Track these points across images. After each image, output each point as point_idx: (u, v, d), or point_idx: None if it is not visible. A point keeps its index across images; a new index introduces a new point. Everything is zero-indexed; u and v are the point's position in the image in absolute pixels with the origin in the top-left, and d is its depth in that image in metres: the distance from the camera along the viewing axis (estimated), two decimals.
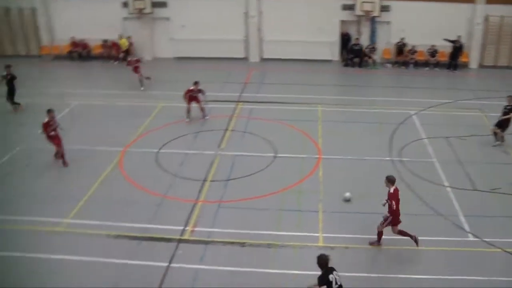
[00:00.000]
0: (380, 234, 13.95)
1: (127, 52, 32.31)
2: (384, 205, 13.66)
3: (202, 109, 22.88)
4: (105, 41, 32.98)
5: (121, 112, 24.55)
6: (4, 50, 34.68)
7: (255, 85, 28.08)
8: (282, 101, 24.94)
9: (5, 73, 24.14)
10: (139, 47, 33.44)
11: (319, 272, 12.76)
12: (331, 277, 10.59)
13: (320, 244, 14.25)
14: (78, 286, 13.00)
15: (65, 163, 19.29)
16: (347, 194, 16.17)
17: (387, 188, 13.50)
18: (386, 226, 13.65)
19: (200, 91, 22.46)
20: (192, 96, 22.41)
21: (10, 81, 24.19)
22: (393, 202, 13.26)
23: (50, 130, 18.96)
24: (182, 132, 21.71)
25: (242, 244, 14.35)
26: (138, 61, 27.45)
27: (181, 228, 15.16)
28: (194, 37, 32.33)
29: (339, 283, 10.65)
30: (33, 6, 33.44)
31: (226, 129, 21.95)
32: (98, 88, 27.52)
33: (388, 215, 13.50)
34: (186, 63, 32.13)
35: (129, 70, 27.42)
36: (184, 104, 22.63)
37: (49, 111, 19.16)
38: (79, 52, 33.36)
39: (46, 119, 18.95)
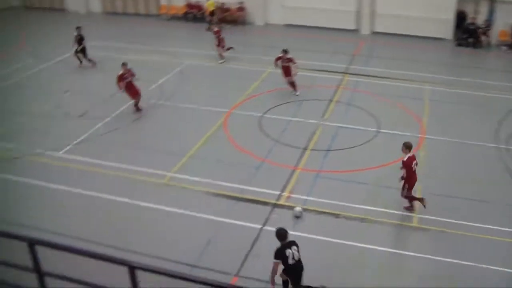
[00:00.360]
0: (409, 198, 14.31)
1: (212, 14, 32.71)
2: (401, 168, 13.96)
3: (292, 84, 22.44)
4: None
5: (229, 74, 25.13)
6: (126, 9, 36.38)
7: (363, 58, 27.72)
8: (390, 76, 24.43)
9: (75, 33, 25.49)
10: (252, 12, 33.85)
11: (417, 254, 12.78)
12: (288, 251, 10.60)
13: (414, 224, 14.10)
14: (175, 237, 13.69)
15: (138, 110, 20.88)
16: (298, 209, 14.56)
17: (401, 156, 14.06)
18: (409, 191, 14.11)
19: (290, 60, 21.89)
20: (284, 66, 21.99)
21: (80, 41, 25.56)
22: (404, 171, 13.79)
23: (124, 81, 20.23)
24: (287, 99, 21.91)
25: (336, 216, 14.45)
26: (218, 32, 26.78)
27: (278, 193, 15.46)
28: (305, 5, 32.15)
29: (296, 258, 10.72)
30: None
31: (331, 100, 21.91)
32: (209, 49, 28.16)
33: (402, 181, 14.03)
34: (296, 31, 32.12)
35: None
36: (278, 70, 22.59)
37: (123, 64, 20.49)
38: (194, 14, 34.24)
39: (121, 72, 20.19)
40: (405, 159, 13.85)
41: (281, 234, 10.74)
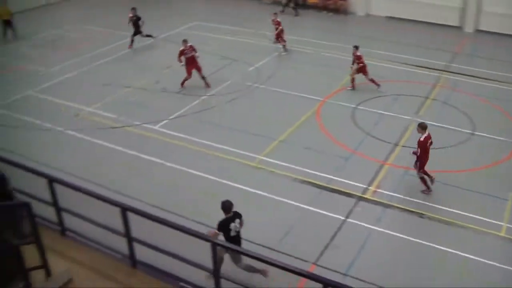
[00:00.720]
0: (423, 180, 14.96)
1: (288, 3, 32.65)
2: (414, 153, 14.71)
3: (372, 80, 21.83)
4: None
5: (326, 62, 25.08)
6: None
7: (465, 56, 26.82)
8: (491, 77, 23.46)
9: (131, 14, 26.18)
10: (354, 2, 33.52)
11: (495, 263, 12.44)
12: (232, 225, 10.93)
13: (502, 234, 13.64)
14: (258, 220, 13.87)
15: (207, 85, 21.75)
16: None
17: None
18: (420, 171, 14.84)
19: (358, 57, 21.29)
20: (360, 65, 21.39)
21: (136, 22, 26.25)
22: (419, 150, 14.45)
23: (185, 56, 21.18)
24: (382, 92, 21.69)
25: (421, 215, 14.30)
26: (279, 23, 25.89)
27: (364, 186, 15.48)
28: None
29: (237, 231, 11.06)
30: None
31: (427, 97, 21.47)
32: (308, 36, 28.29)
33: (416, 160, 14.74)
34: (396, 23, 31.58)
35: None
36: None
37: (184, 41, 21.26)
38: (296, 0, 34.26)
39: (182, 47, 21.10)
40: (421, 138, 14.42)
41: (227, 206, 11.06)
